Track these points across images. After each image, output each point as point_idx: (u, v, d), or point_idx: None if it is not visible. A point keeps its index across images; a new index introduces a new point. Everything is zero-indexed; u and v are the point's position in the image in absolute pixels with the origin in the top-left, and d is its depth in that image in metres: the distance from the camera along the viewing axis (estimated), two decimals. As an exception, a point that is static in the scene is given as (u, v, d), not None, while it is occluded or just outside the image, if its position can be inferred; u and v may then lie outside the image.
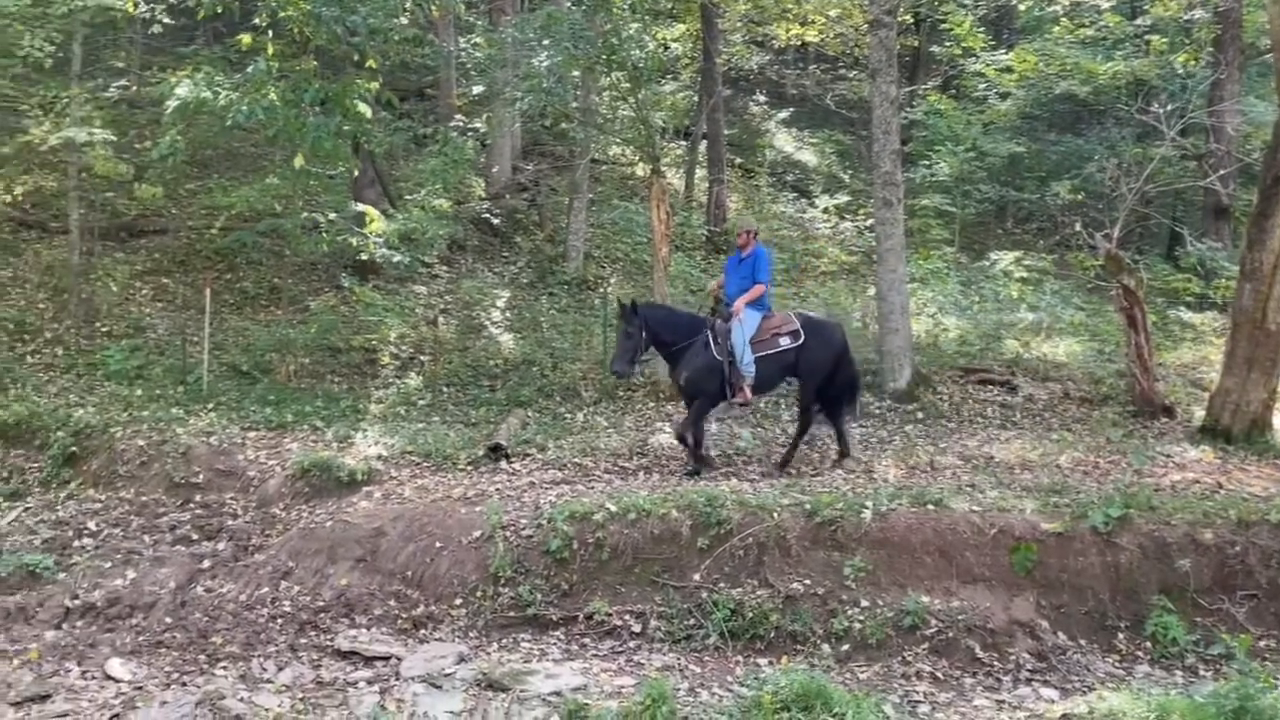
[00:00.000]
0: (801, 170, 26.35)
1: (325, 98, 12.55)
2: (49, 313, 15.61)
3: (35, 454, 12.52)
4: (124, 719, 6.99)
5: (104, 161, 14.94)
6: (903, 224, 13.89)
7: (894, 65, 13.91)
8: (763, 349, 10.69)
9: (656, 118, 15.92)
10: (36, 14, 14.45)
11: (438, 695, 7.29)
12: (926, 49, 26.38)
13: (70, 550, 10.41)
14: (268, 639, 8.31)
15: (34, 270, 16.58)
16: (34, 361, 14.41)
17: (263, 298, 16.80)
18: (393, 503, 10.16)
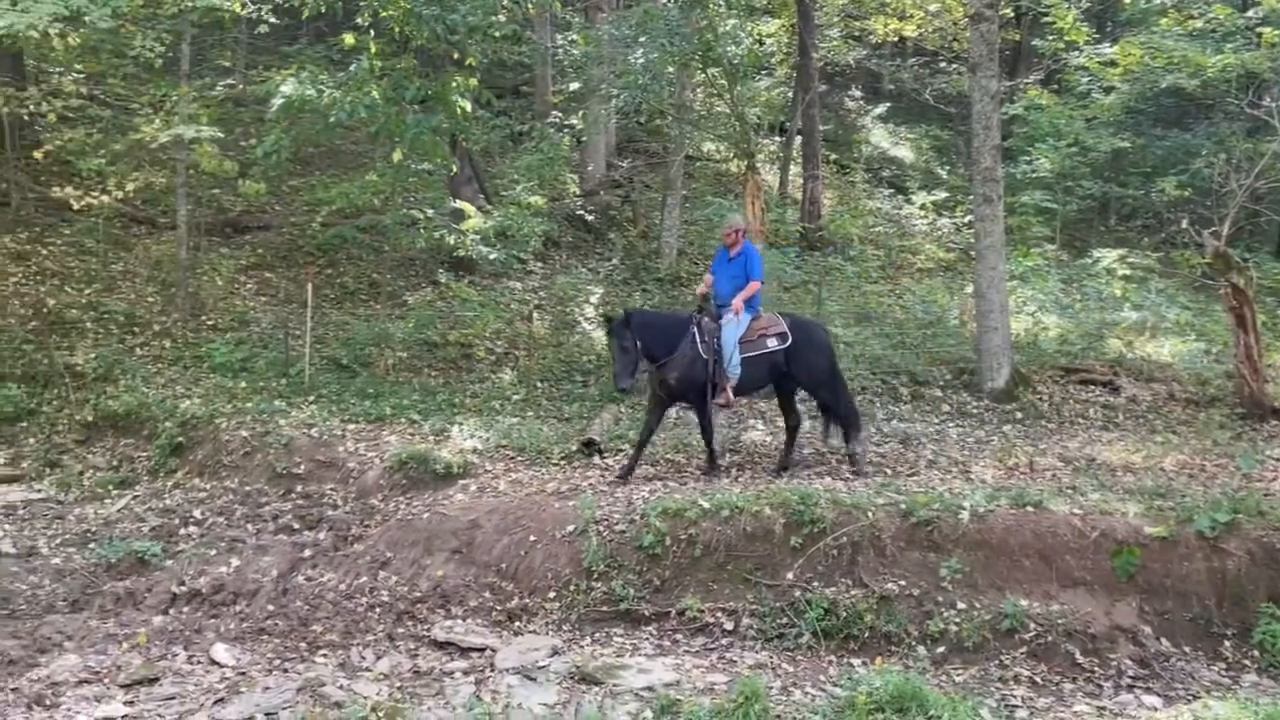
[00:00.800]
0: (897, 166, 26.06)
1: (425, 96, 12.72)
2: (157, 306, 16.07)
3: (144, 443, 12.93)
4: (228, 703, 7.16)
5: (210, 159, 15.32)
6: (1002, 221, 13.66)
7: (995, 59, 13.68)
8: (750, 349, 10.47)
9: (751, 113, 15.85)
10: (147, 14, 14.88)
11: (532, 687, 7.35)
12: (1028, 43, 25.90)
13: (177, 538, 10.73)
14: (366, 628, 8.46)
15: (143, 265, 17.08)
16: (143, 353, 14.85)
17: (362, 292, 17.10)
18: (488, 496, 10.27)
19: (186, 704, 7.18)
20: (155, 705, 7.19)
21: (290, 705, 7.06)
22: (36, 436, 13.27)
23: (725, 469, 10.81)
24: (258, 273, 17.54)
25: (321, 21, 17.88)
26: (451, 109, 12.96)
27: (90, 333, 15.11)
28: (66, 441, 13.21)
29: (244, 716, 6.90)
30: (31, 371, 14.13)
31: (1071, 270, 18.75)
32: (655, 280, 17.79)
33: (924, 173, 25.25)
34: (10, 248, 16.90)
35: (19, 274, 16.28)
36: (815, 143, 20.91)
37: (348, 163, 20.45)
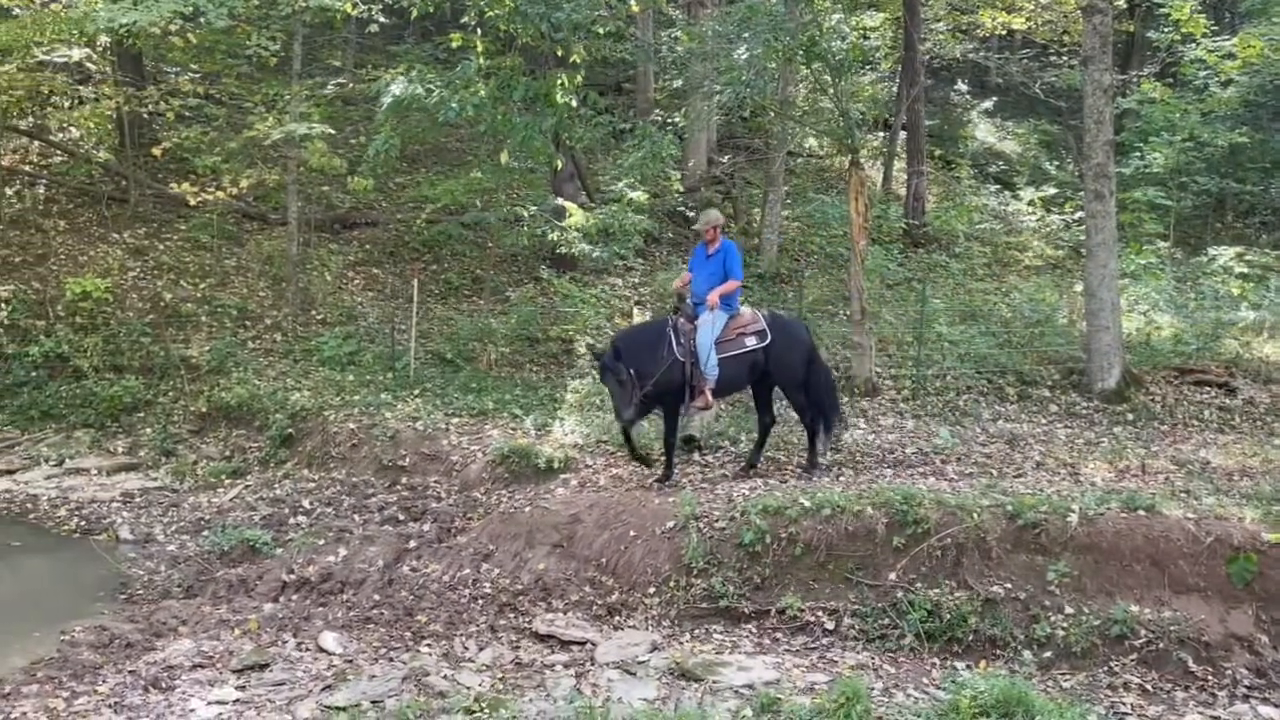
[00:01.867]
0: (1004, 161, 25.58)
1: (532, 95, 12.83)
2: (268, 300, 16.48)
3: (255, 434, 13.29)
4: (336, 690, 7.32)
5: (320, 156, 15.66)
6: (1114, 217, 13.33)
7: (1108, 52, 13.34)
8: (729, 349, 10.15)
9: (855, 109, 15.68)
10: (261, 14, 15.27)
11: (632, 682, 7.38)
12: (1142, 35, 25.24)
13: (286, 527, 11.00)
14: (469, 619, 8.57)
15: (255, 260, 17.53)
16: (255, 346, 15.24)
17: (465, 288, 17.33)
18: (588, 491, 10.34)
19: (296, 690, 7.35)
20: (266, 690, 7.37)
21: (396, 694, 7.20)
22: (153, 426, 13.71)
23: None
24: (365, 268, 17.88)
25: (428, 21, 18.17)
26: (556, 107, 13.04)
27: (205, 326, 15.57)
28: (181, 431, 13.64)
29: (351, 703, 7.04)
30: (149, 363, 14.62)
31: (1186, 268, 18.22)
32: (756, 277, 17.70)
33: (1032, 168, 24.73)
34: (129, 243, 17.48)
35: (137, 268, 16.84)
36: (920, 138, 20.63)
37: (452, 160, 20.73)
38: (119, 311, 15.50)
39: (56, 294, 15.55)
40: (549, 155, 14.50)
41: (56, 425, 13.89)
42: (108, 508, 11.88)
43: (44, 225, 17.68)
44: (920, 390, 13.24)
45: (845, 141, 13.81)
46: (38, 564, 10.42)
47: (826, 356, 14.15)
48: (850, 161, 13.49)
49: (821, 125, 16.59)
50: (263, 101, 16.88)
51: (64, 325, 15.06)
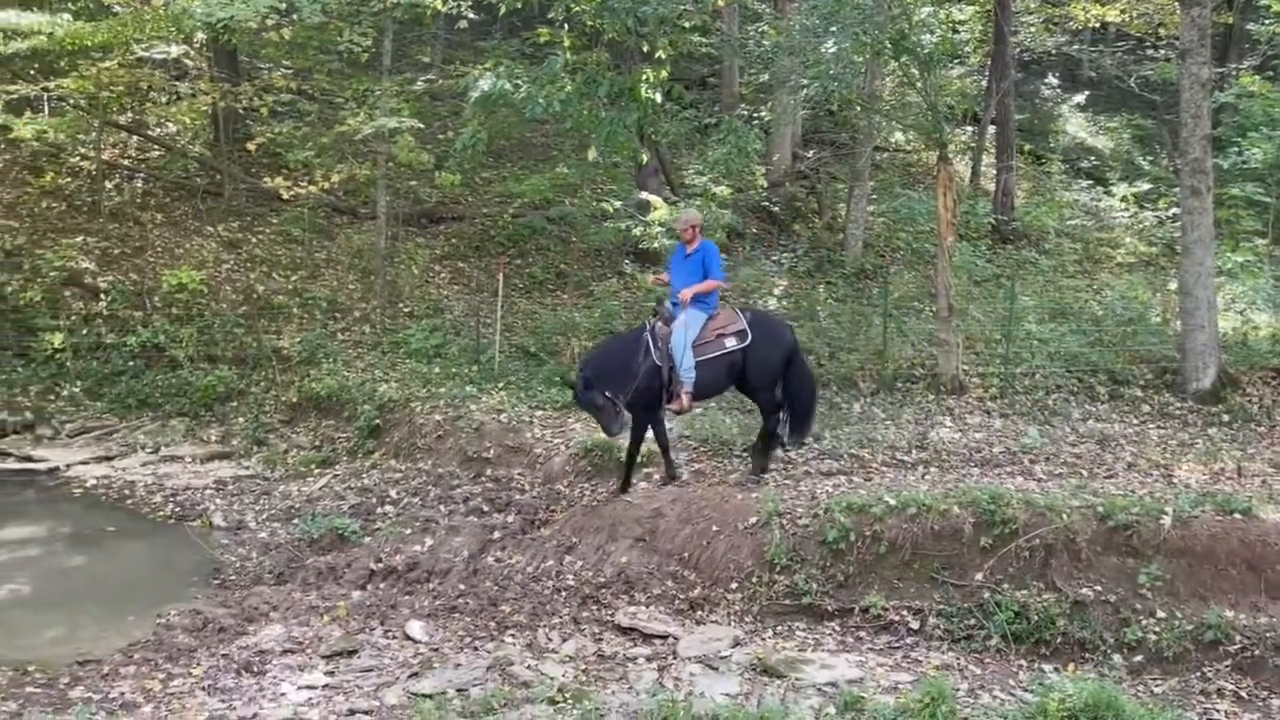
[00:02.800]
0: (1096, 156, 25.08)
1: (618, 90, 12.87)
2: (357, 293, 16.76)
3: (344, 424, 13.52)
4: (422, 678, 7.42)
5: (408, 151, 15.88)
6: (1211, 214, 12.99)
7: (1206, 45, 13.01)
8: (707, 351, 9.85)
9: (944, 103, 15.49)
10: (353, 11, 15.51)
11: (714, 677, 7.39)
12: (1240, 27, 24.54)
13: (374, 516, 11.17)
14: (552, 610, 8.64)
15: (345, 253, 17.84)
16: (344, 338, 15.51)
17: (550, 282, 17.45)
18: (670, 485, 10.35)
19: (383, 676, 7.47)
20: (354, 676, 7.50)
21: (480, 683, 7.28)
22: (245, 416, 14.02)
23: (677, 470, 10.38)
24: (451, 262, 18.09)
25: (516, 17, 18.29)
26: (641, 102, 13.08)
27: (296, 318, 15.89)
28: (273, 421, 13.93)
29: (437, 691, 7.14)
30: (242, 354, 14.95)
31: (1285, 266, 17.72)
32: (840, 273, 17.60)
33: (1124, 163, 24.22)
34: (223, 236, 17.89)
35: (231, 261, 17.23)
36: (1009, 132, 20.31)
37: (537, 155, 20.88)
38: (213, 303, 15.88)
39: (154, 285, 15.97)
40: (633, 150, 14.53)
41: (153, 413, 14.27)
42: (201, 494, 12.18)
43: (142, 218, 18.16)
44: (1008, 389, 13.05)
45: (933, 136, 13.66)
46: (134, 548, 10.72)
47: (911, 354, 14.05)
48: (939, 156, 13.34)
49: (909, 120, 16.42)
50: (353, 97, 17.16)
51: (161, 316, 15.48)
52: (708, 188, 16.02)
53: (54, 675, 7.69)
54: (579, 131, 14.36)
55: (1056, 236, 19.62)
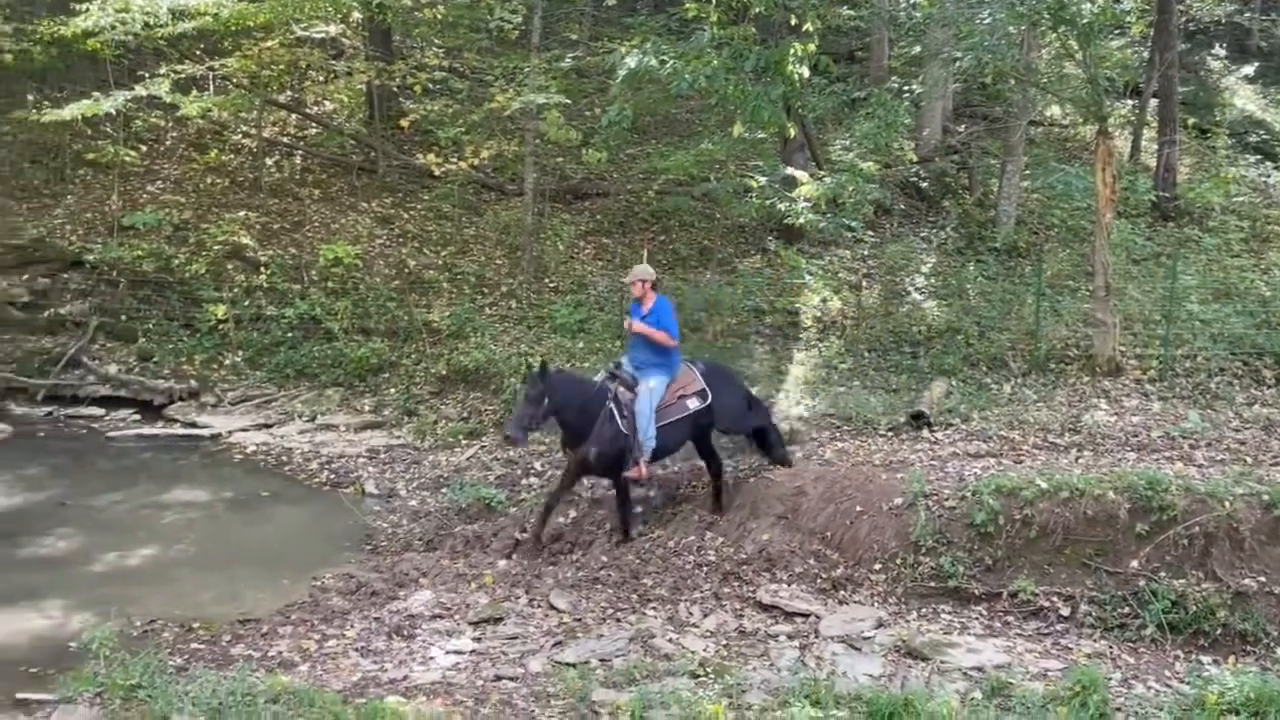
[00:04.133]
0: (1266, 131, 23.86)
1: (765, 65, 12.75)
2: (504, 268, 17.02)
3: (490, 397, 13.76)
4: (566, 647, 7.54)
5: (556, 128, 16.02)
6: (1394, 190, 12.28)
7: (1393, 9, 12.27)
8: (671, 414, 9.57)
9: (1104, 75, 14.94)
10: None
11: (856, 657, 7.33)
12: None
13: (519, 487, 11.38)
14: (694, 585, 8.68)
15: (493, 229, 18.11)
16: (491, 312, 15.77)
17: (693, 259, 17.43)
18: (813, 463, 10.30)
19: (528, 645, 7.61)
20: (500, 643, 7.67)
21: (623, 653, 7.36)
22: (397, 387, 14.38)
23: None
24: (595, 238, 18.22)
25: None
26: (788, 77, 12.92)
27: (445, 292, 16.22)
28: (423, 392, 14.25)
29: (580, 660, 7.24)
30: (393, 327, 15.33)
31: None
32: (991, 250, 17.16)
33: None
34: (377, 212, 18.36)
35: (384, 236, 17.67)
36: (1172, 105, 19.48)
37: (682, 131, 20.84)
38: (367, 277, 16.31)
39: (311, 259, 16.49)
40: (780, 125, 14.38)
41: (310, 383, 14.75)
42: (354, 462, 12.57)
43: (300, 194, 18.75)
44: (1168, 371, 12.58)
45: (1093, 110, 13.20)
46: (291, 513, 11.13)
47: (1065, 334, 13.65)
48: (1098, 130, 12.90)
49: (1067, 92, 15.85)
50: (502, 74, 17.37)
51: (317, 289, 15.97)
52: (854, 162, 15.77)
53: (217, 633, 8.06)
54: (724, 107, 14.24)
55: (1221, 214, 18.77)
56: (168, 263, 16.27)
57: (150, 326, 15.82)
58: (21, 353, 15.35)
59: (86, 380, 14.97)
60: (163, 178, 18.85)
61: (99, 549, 9.86)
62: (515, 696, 6.70)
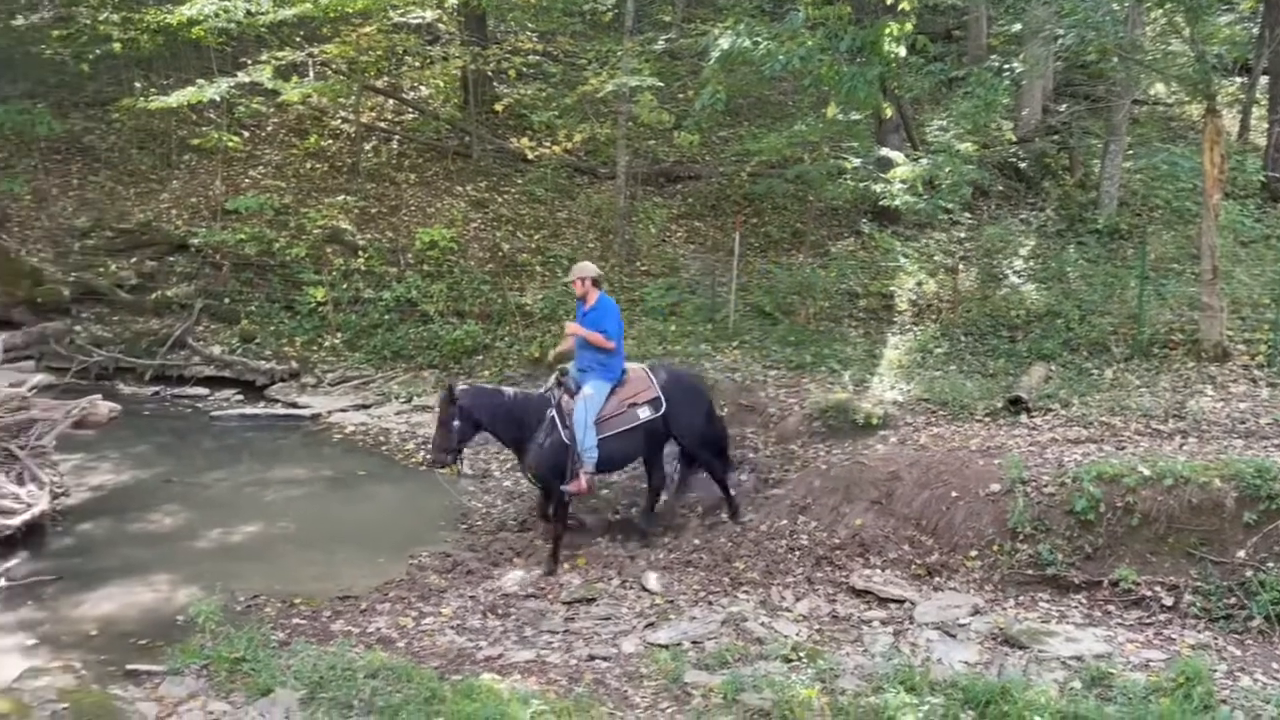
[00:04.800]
0: (1386, 107, 22.97)
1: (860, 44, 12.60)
2: (596, 251, 17.08)
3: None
4: (658, 628, 7.58)
5: (649, 111, 16.02)
6: None
7: None
8: (618, 425, 9.15)
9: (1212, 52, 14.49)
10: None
11: (951, 644, 7.26)
12: None
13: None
14: (786, 569, 8.66)
15: (585, 212, 18.20)
16: (583, 296, 15.83)
17: (785, 242, 17.33)
18: (908, 448, 10.18)
19: (620, 625, 7.68)
20: (592, 623, 7.74)
21: (715, 636, 7.38)
22: (490, 369, 14.53)
23: None
24: (687, 221, 18.20)
25: (756, -28, 18.20)
26: (884, 56, 12.75)
27: (538, 275, 16.35)
28: (516, 375, 14.36)
29: (673, 642, 7.29)
30: (487, 310, 15.50)
31: None
32: (1092, 232, 16.76)
33: None
34: (472, 196, 18.56)
35: (479, 220, 17.86)
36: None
37: (774, 113, 20.70)
38: (462, 260, 16.51)
39: (407, 243, 16.74)
40: (875, 105, 14.21)
41: (406, 365, 14.99)
42: (449, 443, 12.71)
43: (397, 179, 19.03)
44: (1278, 357, 12.18)
45: (1200, 88, 12.81)
46: (387, 492, 11.32)
47: (1169, 318, 13.31)
48: (1206, 109, 12.52)
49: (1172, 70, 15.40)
50: (596, 58, 17.42)
51: (414, 272, 16.21)
52: (951, 143, 15.52)
53: (317, 608, 8.25)
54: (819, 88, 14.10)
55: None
56: (269, 246, 16.65)
57: (252, 309, 16.24)
58: (130, 334, 15.88)
59: (192, 361, 15.40)
60: (264, 163, 19.28)
61: (204, 525, 10.16)
62: (608, 676, 6.77)
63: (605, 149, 18.61)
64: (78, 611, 8.28)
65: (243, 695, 6.21)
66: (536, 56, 19.50)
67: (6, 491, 9.33)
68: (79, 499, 10.63)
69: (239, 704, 6.10)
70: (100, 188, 18.52)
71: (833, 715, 6.01)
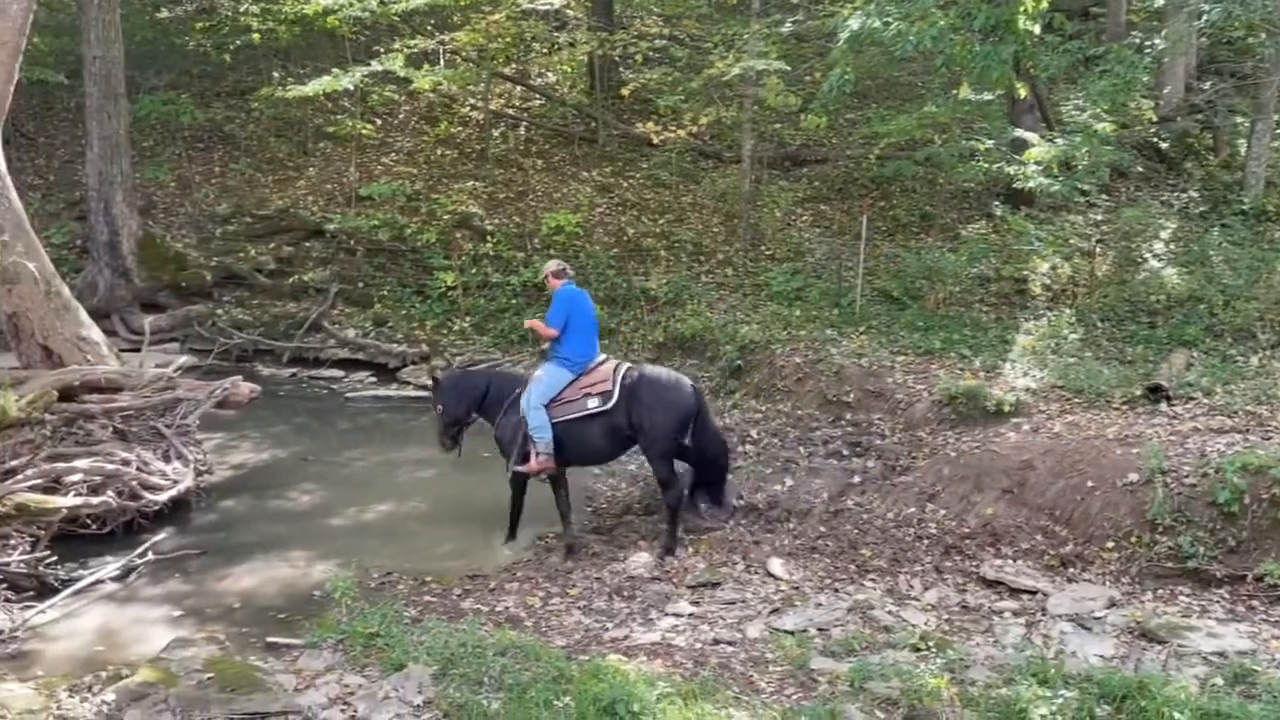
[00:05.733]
0: None
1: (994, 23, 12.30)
2: (721, 236, 17.06)
3: (706, 364, 13.85)
4: (783, 614, 7.55)
5: (775, 94, 15.90)
6: None
7: None
8: (569, 411, 9.01)
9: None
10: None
11: (1086, 637, 7.08)
12: None
13: (734, 454, 11.37)
14: (914, 558, 8.54)
15: (709, 196, 18.17)
16: (707, 280, 15.84)
17: (914, 225, 17.05)
18: (1041, 436, 9.93)
19: (745, 610, 7.66)
20: (717, 608, 7.75)
21: (841, 623, 7.32)
22: (615, 353, 14.58)
23: None
24: (813, 205, 18.04)
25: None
26: (1019, 34, 12.42)
27: (663, 259, 16.39)
28: (640, 359, 14.41)
29: (798, 628, 7.25)
30: (612, 294, 15.59)
31: None
32: (1237, 214, 16.13)
33: None
34: (597, 181, 18.68)
35: (604, 205, 17.97)
36: None
37: (903, 94, 20.36)
38: (587, 245, 16.64)
39: (534, 228, 16.94)
40: (1009, 85, 13.86)
41: (532, 349, 15.16)
42: (575, 426, 12.84)
43: (524, 164, 19.26)
44: None
45: (1357, 61, 12.22)
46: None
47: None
48: (1362, 84, 11.93)
49: (1326, 44, 14.75)
50: (722, 41, 17.36)
51: (540, 257, 16.35)
52: (1089, 123, 15.06)
53: (447, 586, 8.43)
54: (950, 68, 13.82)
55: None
56: (401, 231, 17.03)
57: (385, 293, 16.63)
58: (269, 317, 16.41)
59: (327, 344, 15.85)
60: (396, 150, 19.70)
61: (338, 503, 10.46)
62: (733, 661, 6.77)
63: (730, 132, 18.55)
64: (220, 585, 8.61)
65: (377, 669, 6.37)
66: (662, 40, 19.49)
67: (154, 468, 9.72)
68: (221, 476, 11.03)
69: (374, 678, 6.26)
70: (240, 175, 19.15)
71: (962, 706, 5.91)
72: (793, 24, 17.38)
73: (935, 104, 16.35)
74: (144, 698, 5.84)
